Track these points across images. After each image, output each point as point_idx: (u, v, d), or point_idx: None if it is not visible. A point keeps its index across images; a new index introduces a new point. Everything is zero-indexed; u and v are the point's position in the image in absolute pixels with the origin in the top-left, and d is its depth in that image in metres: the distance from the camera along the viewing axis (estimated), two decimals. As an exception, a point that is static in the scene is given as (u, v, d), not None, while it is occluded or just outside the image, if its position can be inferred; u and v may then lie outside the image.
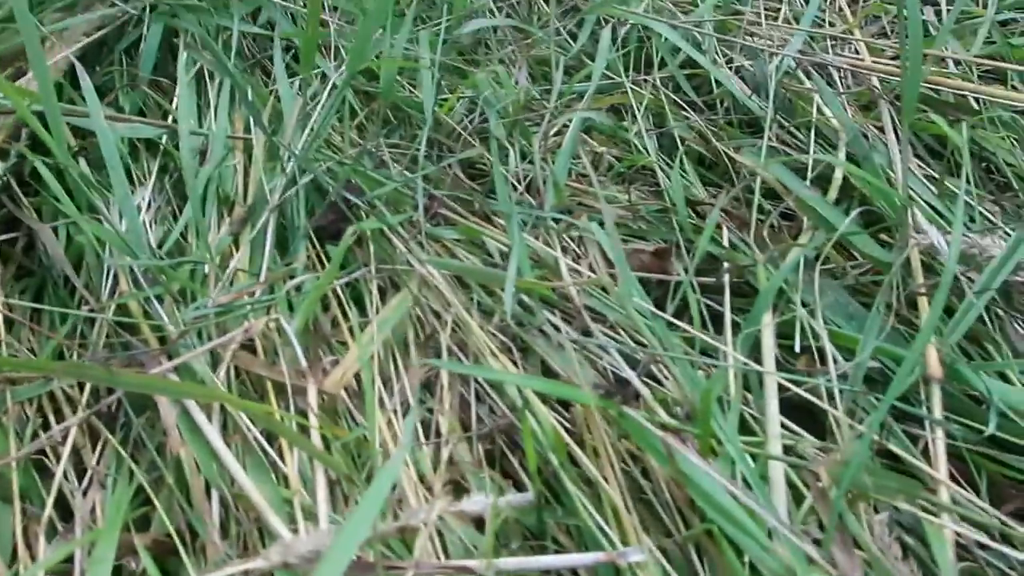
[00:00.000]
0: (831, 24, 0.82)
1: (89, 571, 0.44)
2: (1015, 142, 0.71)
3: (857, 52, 0.82)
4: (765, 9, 0.84)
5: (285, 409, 0.52)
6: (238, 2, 0.82)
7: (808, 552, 0.41)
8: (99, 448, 0.52)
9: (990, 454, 0.50)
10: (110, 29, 0.74)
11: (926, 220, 0.55)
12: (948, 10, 0.82)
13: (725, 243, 0.65)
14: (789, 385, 0.48)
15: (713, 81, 0.76)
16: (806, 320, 0.53)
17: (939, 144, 0.72)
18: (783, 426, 0.49)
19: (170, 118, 0.70)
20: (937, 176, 0.62)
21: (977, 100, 0.71)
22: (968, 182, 0.60)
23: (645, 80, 0.78)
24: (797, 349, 0.52)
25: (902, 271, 0.54)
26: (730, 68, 0.78)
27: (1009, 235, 0.58)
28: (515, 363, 0.58)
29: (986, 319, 0.56)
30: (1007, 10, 0.87)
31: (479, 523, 0.47)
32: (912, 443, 0.49)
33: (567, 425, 0.52)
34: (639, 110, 0.75)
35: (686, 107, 0.77)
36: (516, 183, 0.70)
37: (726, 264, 0.59)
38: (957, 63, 0.76)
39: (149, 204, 0.64)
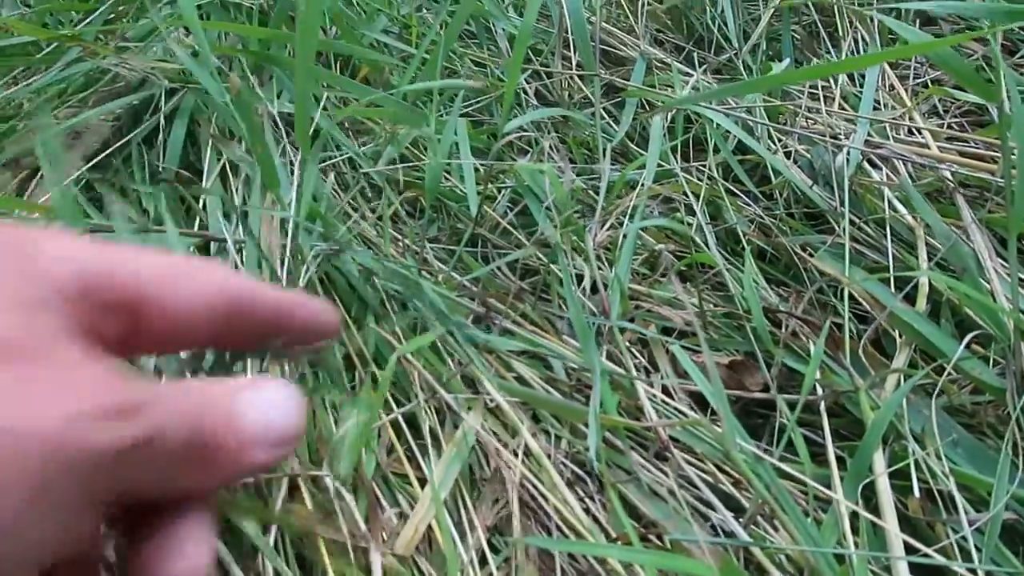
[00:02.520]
0: (885, 106, 0.78)
1: None
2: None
3: (911, 133, 0.79)
4: (813, 90, 0.81)
5: None
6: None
7: None
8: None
9: None
10: (126, 120, 0.68)
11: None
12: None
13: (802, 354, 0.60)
14: (919, 546, 0.43)
15: (771, 170, 0.72)
16: (923, 460, 0.48)
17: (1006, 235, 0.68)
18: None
19: (197, 220, 0.65)
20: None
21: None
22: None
23: (698, 168, 0.74)
24: (916, 494, 0.47)
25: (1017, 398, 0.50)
26: (786, 156, 0.74)
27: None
28: (592, 497, 0.54)
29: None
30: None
31: None
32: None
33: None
34: (695, 201, 0.70)
35: (743, 196, 0.73)
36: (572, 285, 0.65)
37: (822, 390, 0.54)
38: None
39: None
